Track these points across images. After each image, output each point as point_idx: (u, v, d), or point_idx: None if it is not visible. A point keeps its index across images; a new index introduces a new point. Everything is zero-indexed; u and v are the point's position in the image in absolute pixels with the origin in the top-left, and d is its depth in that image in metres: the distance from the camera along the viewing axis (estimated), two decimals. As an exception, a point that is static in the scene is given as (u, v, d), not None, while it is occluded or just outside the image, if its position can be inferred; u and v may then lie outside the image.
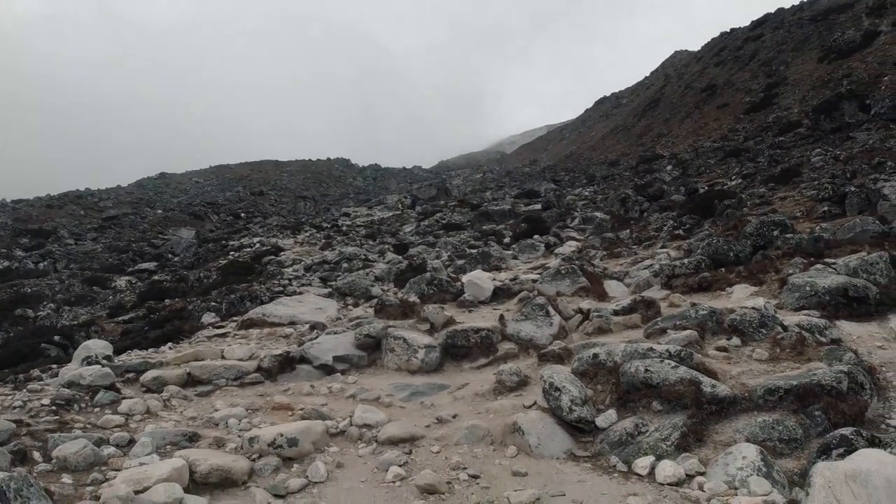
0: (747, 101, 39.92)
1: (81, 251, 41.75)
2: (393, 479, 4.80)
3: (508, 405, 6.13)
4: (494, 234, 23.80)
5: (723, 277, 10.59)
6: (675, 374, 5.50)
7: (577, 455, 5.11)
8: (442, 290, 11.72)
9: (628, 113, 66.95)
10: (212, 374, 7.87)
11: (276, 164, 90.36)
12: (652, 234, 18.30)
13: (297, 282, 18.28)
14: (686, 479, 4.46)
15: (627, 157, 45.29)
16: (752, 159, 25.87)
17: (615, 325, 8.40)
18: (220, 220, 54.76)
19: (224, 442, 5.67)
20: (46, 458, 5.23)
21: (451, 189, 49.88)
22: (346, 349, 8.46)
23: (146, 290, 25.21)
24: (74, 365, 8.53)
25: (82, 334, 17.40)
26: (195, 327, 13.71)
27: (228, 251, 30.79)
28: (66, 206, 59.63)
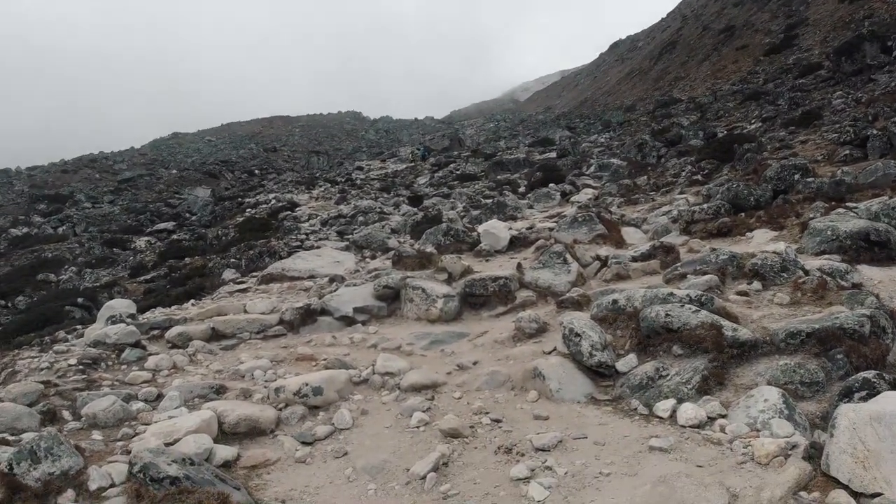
0: (767, 43, 38.87)
1: (99, 214, 42.21)
2: (417, 424, 4.90)
3: (528, 352, 6.17)
4: (509, 184, 23.63)
5: (743, 222, 10.49)
6: (695, 318, 5.48)
7: (598, 399, 5.16)
8: (458, 241, 11.72)
9: (644, 56, 65.39)
10: (235, 329, 7.99)
11: (286, 120, 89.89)
12: (670, 179, 18.07)
13: (314, 236, 18.38)
14: (707, 422, 4.48)
15: (644, 102, 44.44)
16: (772, 102, 25.37)
17: (634, 272, 8.37)
18: (234, 177, 54.91)
19: (251, 393, 5.78)
20: (76, 417, 5.36)
21: (464, 139, 49.44)
22: (366, 300, 8.53)
23: (166, 249, 25.50)
24: (99, 325, 8.69)
25: (105, 295, 17.69)
26: (216, 284, 13.91)
27: (245, 208, 30.93)
28: (81, 170, 60.02)
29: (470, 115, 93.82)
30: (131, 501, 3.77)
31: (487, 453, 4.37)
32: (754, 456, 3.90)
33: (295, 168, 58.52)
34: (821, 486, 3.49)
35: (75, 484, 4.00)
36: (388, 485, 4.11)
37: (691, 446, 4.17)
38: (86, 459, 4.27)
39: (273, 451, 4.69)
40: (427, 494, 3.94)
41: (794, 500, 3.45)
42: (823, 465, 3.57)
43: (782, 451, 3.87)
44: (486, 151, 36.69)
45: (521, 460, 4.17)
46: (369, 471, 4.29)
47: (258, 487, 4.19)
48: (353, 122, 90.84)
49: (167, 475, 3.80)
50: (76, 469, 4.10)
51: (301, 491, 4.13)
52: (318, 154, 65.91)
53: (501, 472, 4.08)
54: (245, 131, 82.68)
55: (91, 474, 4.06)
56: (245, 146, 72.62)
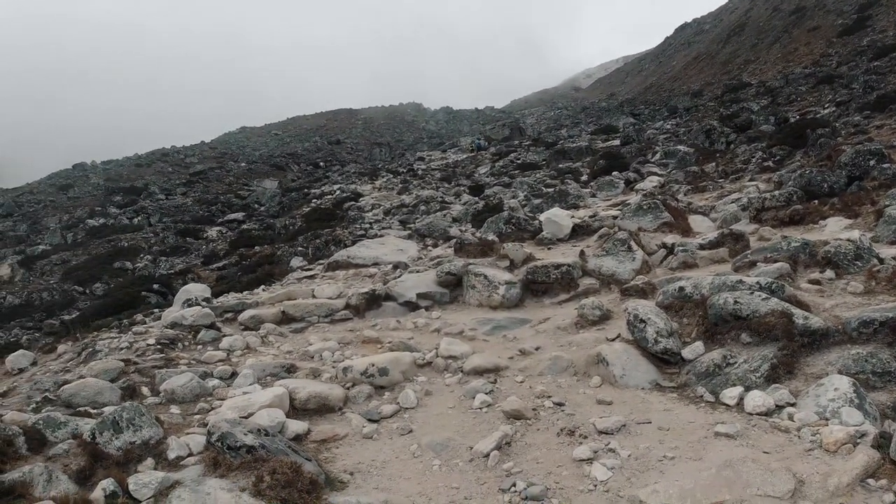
0: (839, 24, 37.07)
1: (172, 205, 43.99)
2: (480, 406, 5.00)
3: (591, 338, 6.17)
4: (571, 173, 23.38)
5: (815, 210, 10.15)
6: (765, 305, 5.36)
7: (663, 386, 5.13)
8: (520, 229, 11.72)
9: (711, 39, 63.12)
10: (304, 312, 8.27)
11: (349, 113, 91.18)
12: (739, 166, 17.52)
13: (378, 225, 18.73)
14: (776, 410, 4.41)
15: (712, 87, 43.03)
16: (845, 86, 24.34)
17: (701, 260, 8.20)
18: (300, 169, 56.28)
19: (319, 372, 6.01)
20: (154, 393, 5.68)
21: (524, 128, 49.04)
22: (429, 286, 8.68)
23: (236, 238, 26.47)
24: (176, 308, 9.15)
25: (179, 282, 18.51)
26: (284, 271, 14.39)
27: (310, 199, 31.74)
28: (154, 163, 62.60)
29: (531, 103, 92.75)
30: (208, 469, 3.99)
31: (550, 435, 4.43)
32: (822, 443, 3.84)
33: (358, 160, 59.46)
34: (889, 474, 3.42)
35: (155, 453, 4.24)
36: (452, 461, 4.23)
37: (758, 433, 4.11)
38: (165, 431, 4.52)
39: (341, 427, 4.89)
40: (490, 472, 4.04)
41: (862, 486, 3.39)
42: (893, 452, 3.50)
43: (851, 438, 3.79)
44: (548, 140, 36.34)
45: (583, 442, 4.22)
46: (434, 448, 4.42)
47: (327, 460, 4.39)
48: (413, 114, 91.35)
49: (244, 444, 4.03)
50: (156, 439, 4.35)
51: (368, 465, 4.30)
52: (380, 146, 66.76)
53: (564, 452, 4.14)
54: (310, 125, 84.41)
55: (170, 444, 4.31)
56: (310, 139, 74.20)
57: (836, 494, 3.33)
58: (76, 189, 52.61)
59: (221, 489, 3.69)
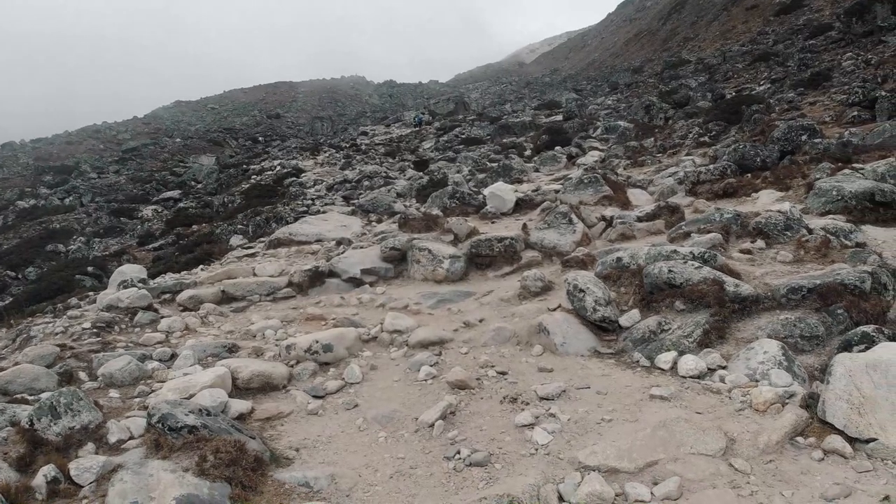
0: (777, 3, 38.18)
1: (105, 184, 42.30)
2: (425, 378, 5.04)
3: (533, 309, 6.29)
4: (515, 147, 23.53)
5: (749, 183, 10.50)
6: (698, 274, 5.57)
7: (602, 352, 5.29)
8: (464, 203, 11.77)
9: (653, 16, 64.18)
10: (245, 291, 8.12)
11: (289, 86, 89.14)
12: (677, 141, 17.97)
13: (320, 201, 18.44)
14: (708, 373, 4.61)
15: (652, 63, 43.85)
16: (781, 63, 25.10)
17: (638, 231, 8.43)
18: (238, 145, 54.78)
19: (262, 351, 5.94)
20: (92, 377, 5.52)
21: (468, 103, 48.97)
22: (373, 262, 8.65)
23: (173, 217, 25.67)
24: (111, 290, 8.84)
25: (114, 264, 17.87)
26: (224, 249, 14.03)
27: (250, 175, 30.96)
28: (86, 140, 59.97)
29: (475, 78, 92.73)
30: (150, 451, 3.93)
31: (493, 403, 4.52)
32: (752, 404, 4.02)
33: (299, 134, 58.27)
34: (817, 432, 3.61)
35: (95, 437, 4.16)
36: (398, 433, 4.27)
37: (691, 395, 4.30)
38: (104, 415, 4.43)
39: (286, 405, 4.85)
40: (435, 440, 4.10)
41: (791, 444, 3.58)
42: (819, 411, 3.69)
43: (780, 399, 3.98)
44: (492, 115, 36.42)
45: (525, 409, 4.31)
46: (380, 420, 4.45)
47: (272, 438, 4.35)
48: (356, 88, 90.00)
49: (185, 424, 3.96)
50: (95, 423, 4.26)
51: (314, 440, 4.30)
52: (321, 120, 65.52)
53: (507, 419, 4.23)
54: (248, 98, 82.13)
55: (110, 428, 4.22)
56: (248, 113, 72.27)
57: (765, 452, 3.50)
58: (5, 170, 49.98)
59: (164, 470, 3.63)
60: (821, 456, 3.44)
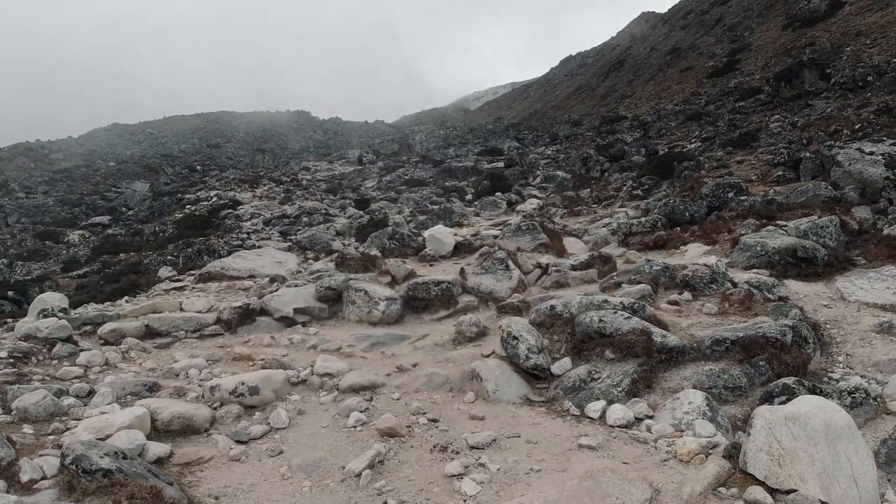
0: (711, 66, 40.26)
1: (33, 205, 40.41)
2: (354, 424, 4.92)
3: (467, 354, 6.28)
4: (457, 191, 23.85)
5: (678, 236, 10.89)
6: (627, 324, 5.70)
7: (533, 400, 5.31)
8: (403, 245, 11.78)
9: (593, 73, 66.90)
10: (171, 327, 7.81)
11: (232, 116, 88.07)
12: (612, 193, 18.57)
13: (256, 236, 18.10)
14: (635, 422, 4.68)
15: (591, 118, 45.46)
16: (712, 123, 26.29)
17: (573, 280, 8.61)
18: (175, 172, 53.34)
19: (185, 391, 5.69)
20: (6, 410, 5.17)
21: (413, 145, 49.46)
22: (307, 301, 8.48)
23: (100, 244, 24.65)
24: (30, 318, 8.37)
25: (36, 289, 17.02)
26: (152, 281, 13.53)
27: (184, 205, 30.17)
28: (16, 158, 57.31)
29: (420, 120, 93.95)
30: (63, 493, 3.71)
31: (423, 451, 4.44)
32: (677, 454, 4.10)
33: (239, 166, 57.28)
34: (739, 483, 3.69)
35: (7, 475, 3.94)
36: (324, 482, 4.12)
37: (618, 445, 4.34)
38: (17, 451, 4.20)
39: (207, 450, 4.63)
40: (362, 491, 3.98)
41: (714, 495, 3.64)
42: (741, 462, 3.78)
43: (703, 449, 4.07)
44: (436, 158, 36.86)
45: (455, 458, 4.26)
46: (304, 468, 4.29)
47: (191, 484, 4.14)
48: (300, 122, 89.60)
49: (99, 467, 3.74)
50: (7, 460, 4.04)
51: (235, 488, 4.10)
52: (263, 152, 64.73)
53: (436, 469, 4.16)
54: (188, 126, 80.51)
55: (23, 466, 3.99)
56: (188, 141, 70.73)
57: (689, 502, 3.54)
58: (-77, 184, 46.92)
59: (74, 516, 3.40)
60: (742, 507, 3.51)
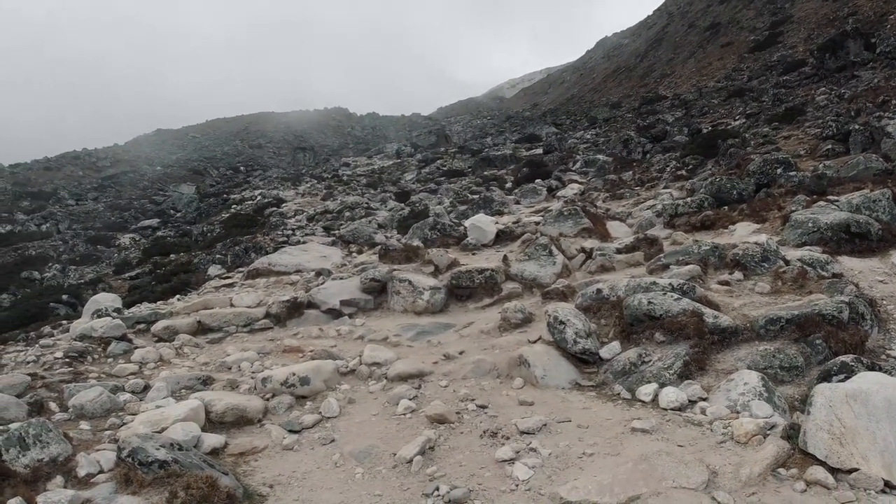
0: (752, 40, 39.11)
1: (83, 211, 41.85)
2: (404, 412, 4.95)
3: (514, 341, 6.24)
4: (496, 180, 23.72)
5: (725, 216, 10.62)
6: (677, 305, 5.58)
7: (582, 385, 5.24)
8: (445, 235, 11.76)
9: (630, 53, 65.56)
10: (222, 322, 7.98)
11: (271, 117, 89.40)
12: (655, 175, 18.23)
13: (301, 231, 18.36)
14: (689, 405, 4.58)
15: (630, 99, 44.61)
16: (756, 99, 25.61)
17: (618, 263, 8.47)
18: (219, 174, 54.59)
19: (237, 384, 5.80)
20: (63, 408, 5.34)
21: (450, 136, 49.40)
22: (353, 293, 8.56)
23: (150, 246, 25.39)
24: (85, 319, 8.64)
25: (89, 292, 17.60)
26: (202, 279, 13.87)
27: (230, 205, 30.82)
28: (65, 167, 59.35)
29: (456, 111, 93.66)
30: (120, 486, 3.80)
31: (473, 437, 4.43)
32: (734, 435, 4.00)
33: (281, 165, 58.23)
34: (798, 463, 3.58)
35: (64, 470, 4.02)
36: (375, 469, 4.16)
37: (672, 427, 4.26)
38: (74, 447, 4.29)
39: (260, 440, 4.72)
40: (414, 477, 4.00)
41: (773, 476, 3.54)
42: (801, 442, 3.67)
43: (761, 430, 3.96)
44: (473, 148, 36.74)
45: (506, 443, 4.24)
46: (356, 456, 4.34)
47: (246, 473, 4.22)
48: (338, 119, 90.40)
49: (156, 459, 3.83)
50: (65, 456, 4.13)
51: (288, 476, 4.17)
52: (304, 150, 65.58)
53: (487, 454, 4.15)
54: (230, 128, 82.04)
55: (80, 461, 4.08)
56: (230, 143, 72.15)
57: (748, 484, 3.46)
58: (-20, 194, 49.09)
59: (133, 507, 3.51)
60: (803, 487, 3.41)
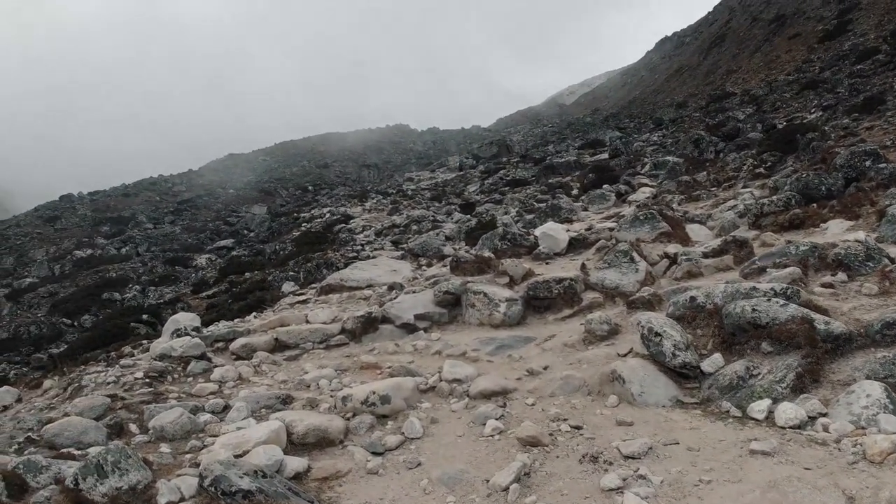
0: (820, 30, 37.50)
1: (161, 234, 43.67)
2: (491, 433, 4.67)
3: (601, 354, 5.89)
4: (561, 187, 23.25)
5: (815, 213, 9.99)
6: (784, 312, 5.10)
7: (685, 402, 4.83)
8: (515, 245, 11.47)
9: (693, 51, 63.76)
10: (298, 339, 7.94)
11: (337, 136, 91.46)
12: (731, 174, 17.45)
13: (370, 246, 18.46)
14: (808, 421, 4.16)
15: (696, 98, 43.27)
16: (830, 90, 24.56)
17: (706, 268, 7.97)
18: (289, 194, 56.08)
19: (317, 402, 5.68)
20: (143, 430, 5.32)
21: (511, 145, 49.02)
22: (427, 307, 8.37)
23: (226, 265, 26.13)
24: (164, 338, 8.78)
25: (169, 311, 18.15)
26: (276, 296, 14.04)
27: (300, 223, 31.46)
28: (142, 193, 62.22)
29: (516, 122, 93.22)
30: (204, 516, 3.67)
31: (571, 462, 4.11)
32: (866, 455, 3.60)
33: (347, 182, 59.32)
34: (948, 484, 3.14)
35: (144, 499, 3.91)
36: (468, 497, 3.89)
37: (795, 448, 3.84)
38: (154, 473, 4.20)
39: (344, 462, 4.54)
40: (511, 506, 3.71)
41: (920, 501, 3.12)
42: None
43: (895, 447, 3.53)
44: (535, 156, 36.34)
45: (609, 469, 3.90)
46: (446, 482, 4.08)
47: (332, 500, 4.05)
48: (400, 135, 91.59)
49: (239, 488, 3.69)
50: (144, 483, 4.02)
51: None
52: (368, 167, 66.72)
53: (589, 481, 3.82)
54: (298, 149, 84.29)
55: (160, 488, 3.97)
56: (298, 164, 74.10)
57: (889, 510, 3.07)
58: (63, 220, 52.10)
59: (217, 538, 3.36)
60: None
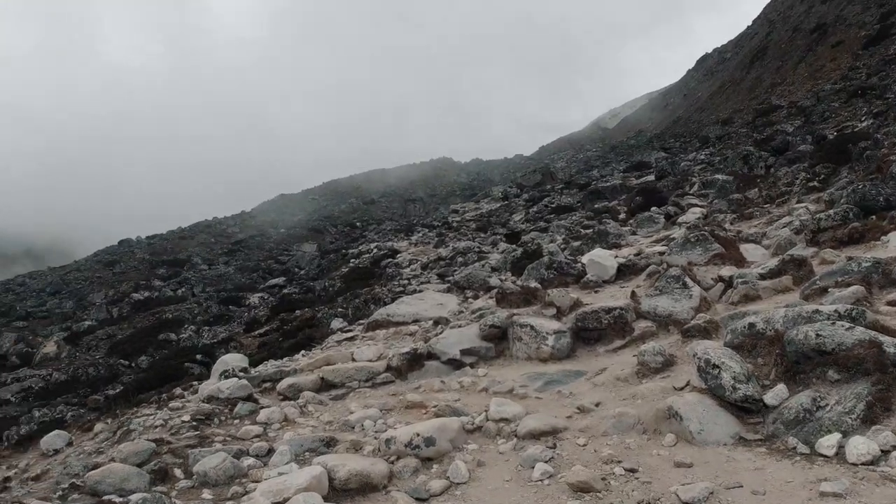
0: (863, 36, 36.56)
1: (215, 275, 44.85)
2: (540, 477, 4.44)
3: (656, 388, 5.59)
4: (608, 212, 22.87)
5: (875, 226, 9.47)
6: (850, 336, 4.74)
7: (748, 439, 4.50)
8: (562, 273, 11.23)
9: (735, 66, 62.70)
10: (344, 378, 7.87)
11: (382, 172, 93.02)
12: (783, 189, 16.85)
13: (416, 280, 18.44)
14: (881, 456, 3.82)
15: (741, 113, 42.37)
16: (879, 96, 23.82)
17: (764, 291, 7.59)
18: (337, 231, 57.05)
19: (361, 445, 5.56)
20: (187, 475, 5.28)
21: (555, 172, 48.77)
22: (472, 342, 8.20)
23: (277, 303, 26.55)
24: (213, 380, 8.85)
25: (222, 351, 18.44)
26: (325, 333, 14.11)
27: (349, 259, 31.80)
28: (198, 235, 64.33)
29: (559, 148, 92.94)
30: (244, 570, 3.58)
31: (627, 509, 3.86)
32: (953, 494, 3.23)
33: (393, 217, 60.02)
34: None
35: (183, 549, 3.87)
36: (516, 547, 3.69)
37: (869, 487, 3.52)
38: (193, 521, 4.14)
39: (387, 509, 4.40)
40: (562, 558, 3.50)
41: None
42: None
43: None
44: (580, 182, 35.97)
45: (667, 516, 3.65)
46: (494, 531, 3.90)
47: (375, 551, 3.90)
48: (443, 168, 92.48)
49: (279, 541, 3.59)
50: (183, 531, 3.99)
51: (420, 556, 3.80)
52: (413, 201, 67.44)
53: (646, 530, 3.58)
54: (345, 187, 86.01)
55: (199, 537, 3.92)
56: (346, 201, 75.55)
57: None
58: (122, 264, 54.15)
59: None
60: None
